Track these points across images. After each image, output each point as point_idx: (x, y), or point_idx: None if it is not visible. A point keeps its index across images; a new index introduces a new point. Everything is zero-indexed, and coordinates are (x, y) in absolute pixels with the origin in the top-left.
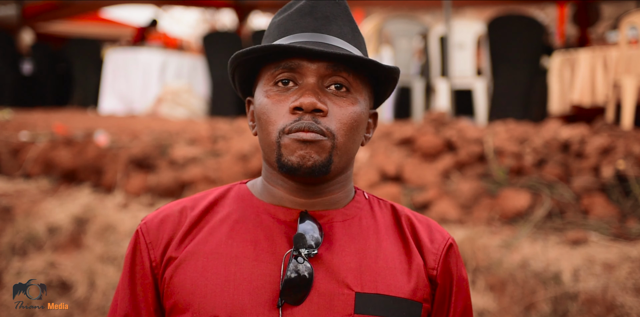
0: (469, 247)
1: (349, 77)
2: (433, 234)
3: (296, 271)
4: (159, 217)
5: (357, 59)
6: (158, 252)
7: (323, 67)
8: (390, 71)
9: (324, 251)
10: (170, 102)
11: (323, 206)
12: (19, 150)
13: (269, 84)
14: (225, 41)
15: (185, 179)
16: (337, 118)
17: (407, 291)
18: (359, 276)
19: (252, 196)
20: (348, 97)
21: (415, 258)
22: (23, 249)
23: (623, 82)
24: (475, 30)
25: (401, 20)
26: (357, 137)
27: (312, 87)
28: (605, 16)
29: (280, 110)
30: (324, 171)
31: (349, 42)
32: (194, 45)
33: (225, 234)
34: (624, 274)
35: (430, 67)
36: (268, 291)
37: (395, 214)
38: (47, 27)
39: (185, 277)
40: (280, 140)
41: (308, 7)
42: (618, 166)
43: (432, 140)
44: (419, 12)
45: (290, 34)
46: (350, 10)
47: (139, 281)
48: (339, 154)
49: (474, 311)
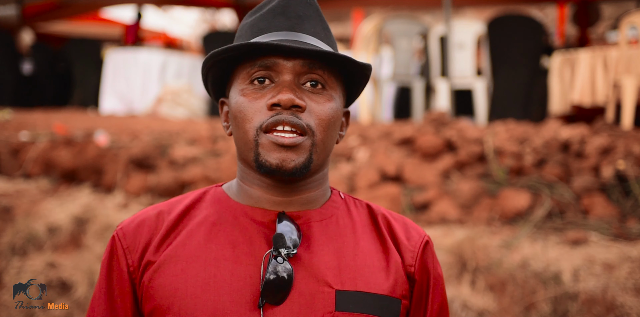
0: (469, 247)
1: (324, 74)
2: (409, 231)
3: (275, 271)
4: (136, 222)
5: (334, 56)
6: (135, 256)
7: (299, 64)
8: (363, 68)
9: (303, 250)
10: (170, 102)
11: (300, 205)
12: (19, 150)
13: (245, 83)
14: (225, 41)
15: (185, 179)
16: (316, 114)
17: (386, 288)
18: (338, 274)
19: (228, 198)
20: (324, 94)
21: (393, 255)
22: (23, 249)
23: (623, 82)
24: (475, 30)
25: (401, 20)
26: (334, 134)
27: (289, 84)
28: (605, 16)
29: (257, 108)
30: (305, 171)
31: (322, 40)
32: (194, 45)
33: (204, 236)
34: (624, 274)
35: (430, 67)
36: (249, 292)
37: (372, 213)
38: (47, 27)
39: (164, 281)
40: (258, 139)
41: (280, 7)
42: (618, 166)
43: (432, 140)
44: (419, 12)
45: (264, 33)
46: (321, 11)
47: (117, 286)
48: (318, 151)
49: (474, 311)
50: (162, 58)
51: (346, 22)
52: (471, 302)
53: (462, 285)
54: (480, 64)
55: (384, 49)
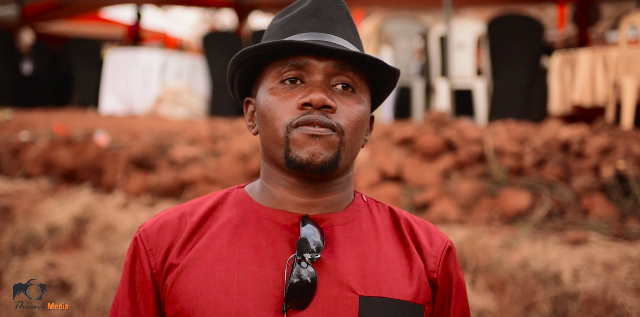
0: (469, 247)
1: (355, 77)
2: (432, 237)
3: (299, 276)
4: (158, 224)
5: (367, 58)
6: (159, 259)
7: (330, 65)
8: (393, 72)
9: (326, 255)
10: (170, 102)
11: (324, 207)
12: (19, 150)
13: (275, 82)
14: (225, 41)
15: (185, 179)
16: (345, 115)
17: (410, 294)
18: (361, 280)
19: (251, 200)
20: (354, 97)
21: (416, 261)
22: (23, 249)
23: (623, 82)
24: (475, 30)
25: (401, 20)
26: (362, 136)
27: (320, 85)
28: (605, 16)
29: (287, 107)
30: (333, 167)
31: (352, 43)
32: (194, 45)
33: (227, 239)
34: (624, 274)
35: (430, 67)
36: (272, 296)
37: (394, 217)
38: (47, 27)
39: (188, 284)
40: (289, 135)
41: (312, 8)
42: (618, 165)
43: (432, 140)
44: (419, 12)
45: (295, 33)
46: (351, 14)
47: (139, 289)
48: (346, 150)
49: (474, 311)
50: (162, 58)
51: None
52: (471, 302)
53: None
54: (480, 64)
55: (384, 49)
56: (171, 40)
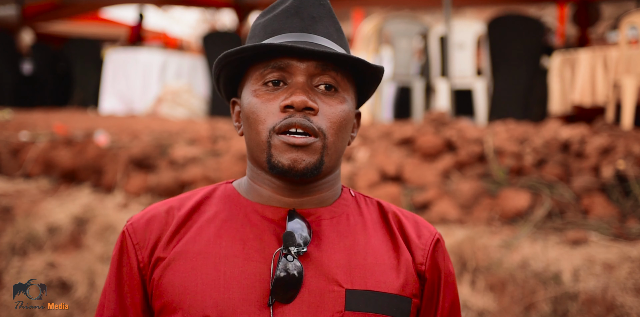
0: (469, 247)
1: (337, 76)
2: (420, 229)
3: (285, 269)
4: (146, 218)
5: (348, 58)
6: (146, 252)
7: (312, 66)
8: (376, 70)
9: (313, 248)
10: (170, 102)
11: (311, 204)
12: (19, 150)
13: (258, 84)
14: (225, 41)
15: (185, 179)
16: (327, 117)
17: (397, 287)
18: (348, 273)
19: (238, 195)
20: (336, 96)
21: (404, 254)
22: (23, 249)
23: (623, 82)
24: (475, 30)
25: (401, 20)
26: (346, 136)
27: (302, 86)
28: (605, 16)
29: (270, 109)
30: (316, 172)
31: (335, 42)
32: (194, 45)
33: (214, 233)
34: (624, 274)
35: (430, 67)
36: (258, 290)
37: (382, 211)
38: (47, 27)
39: (174, 278)
40: (271, 140)
41: (294, 7)
42: (618, 166)
43: (432, 140)
44: (419, 12)
45: (277, 34)
46: (334, 12)
47: (127, 282)
48: (329, 153)
49: (474, 311)
50: (162, 58)
51: (346, 22)
52: (471, 302)
53: (462, 285)
54: (480, 64)
55: (384, 49)
56: (171, 40)
